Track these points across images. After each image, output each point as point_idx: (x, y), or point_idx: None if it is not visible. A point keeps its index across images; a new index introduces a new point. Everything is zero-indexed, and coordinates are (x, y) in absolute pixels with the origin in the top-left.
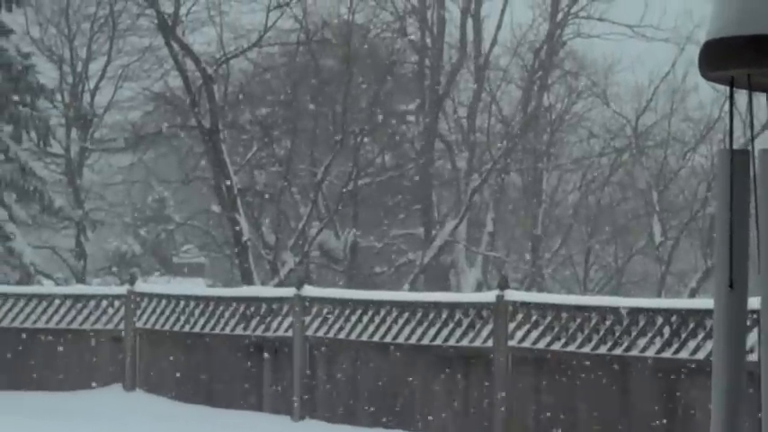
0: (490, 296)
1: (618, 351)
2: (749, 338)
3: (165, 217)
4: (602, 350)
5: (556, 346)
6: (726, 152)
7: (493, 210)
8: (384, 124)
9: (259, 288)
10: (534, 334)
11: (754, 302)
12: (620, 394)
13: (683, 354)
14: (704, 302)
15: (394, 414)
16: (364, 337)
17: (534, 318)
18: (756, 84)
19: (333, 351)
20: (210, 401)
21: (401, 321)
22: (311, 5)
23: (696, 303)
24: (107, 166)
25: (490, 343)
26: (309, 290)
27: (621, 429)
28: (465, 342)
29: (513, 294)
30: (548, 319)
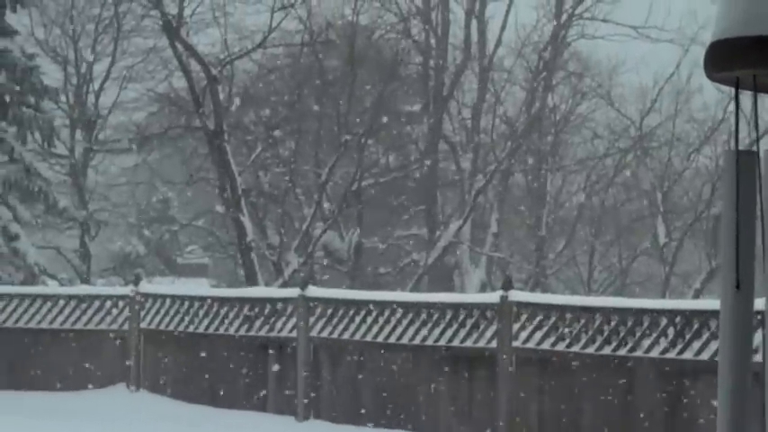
0: (494, 297)
1: (622, 352)
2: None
3: (170, 218)
4: (606, 351)
5: (560, 347)
6: (732, 153)
7: (497, 210)
8: (388, 125)
9: (263, 289)
10: (538, 335)
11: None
12: (624, 395)
13: (688, 354)
14: (708, 303)
15: (398, 415)
16: (368, 338)
17: (538, 318)
18: (762, 85)
19: (337, 352)
20: (214, 402)
21: (405, 322)
22: (315, 6)
23: (700, 304)
24: (111, 167)
25: (494, 344)
26: (313, 290)
27: (625, 430)
28: (469, 343)
29: (518, 295)
30: (552, 320)
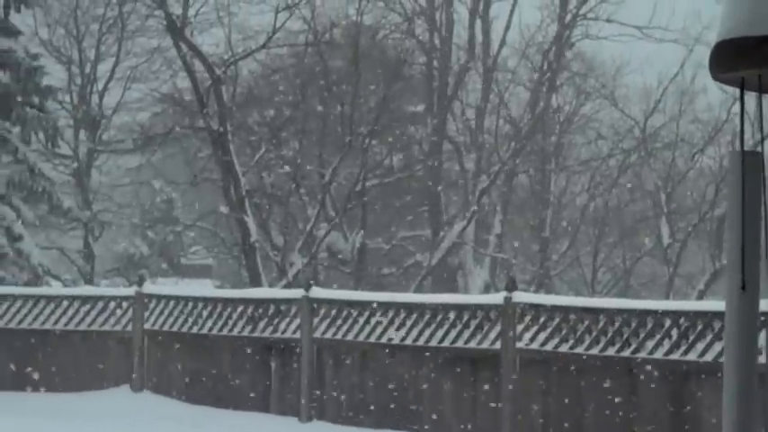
0: (498, 298)
1: (626, 353)
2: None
3: (173, 218)
4: (610, 352)
5: (564, 348)
6: (737, 154)
7: (501, 211)
8: (392, 126)
9: (267, 290)
10: (542, 336)
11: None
12: (628, 396)
13: (692, 356)
14: (712, 304)
15: (402, 416)
16: (372, 339)
17: (542, 319)
18: (767, 85)
19: (340, 353)
20: (218, 403)
21: (409, 323)
22: (319, 7)
23: (704, 305)
24: (115, 168)
25: (498, 345)
26: (317, 291)
27: (629, 431)
28: (473, 344)
29: (521, 296)
30: (556, 321)
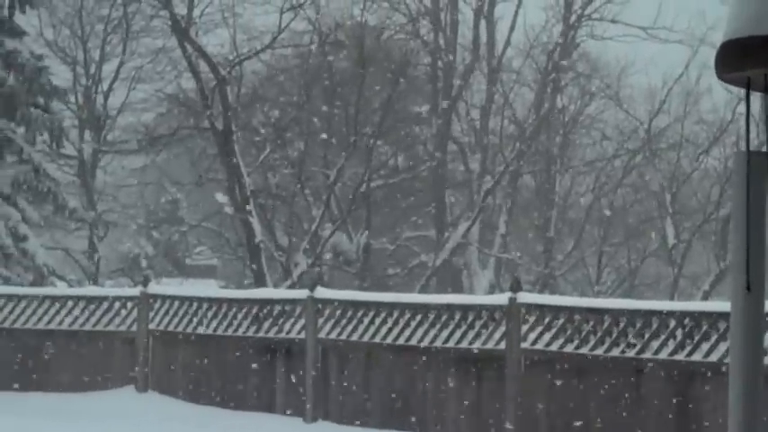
0: (503, 298)
1: (631, 353)
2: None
3: (178, 219)
4: (615, 352)
5: (569, 349)
6: (742, 154)
7: (506, 212)
8: (397, 126)
9: (272, 290)
10: (547, 336)
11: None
12: (633, 396)
13: (697, 356)
14: (717, 305)
15: (406, 416)
16: (377, 340)
17: (547, 320)
18: None
19: (345, 353)
20: (223, 403)
21: (414, 323)
22: (324, 7)
23: (709, 306)
24: (120, 168)
25: (503, 345)
26: (322, 292)
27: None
28: (477, 344)
29: (526, 296)
30: (560, 322)
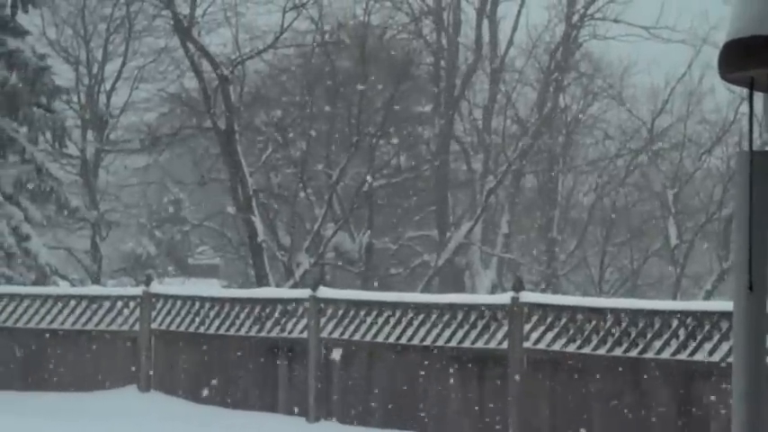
0: (505, 298)
1: (633, 353)
2: None
3: (181, 218)
4: (617, 352)
5: (571, 348)
6: (745, 154)
7: (508, 211)
8: (399, 126)
9: (274, 289)
10: (549, 336)
11: None
12: (635, 396)
13: (699, 356)
14: (720, 305)
15: (409, 416)
16: (379, 339)
17: (549, 319)
18: None
19: (348, 352)
20: (225, 402)
21: (416, 323)
22: (327, 7)
23: (711, 306)
24: (122, 168)
25: (505, 345)
26: (324, 291)
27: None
28: (480, 344)
29: (529, 296)
30: (563, 321)
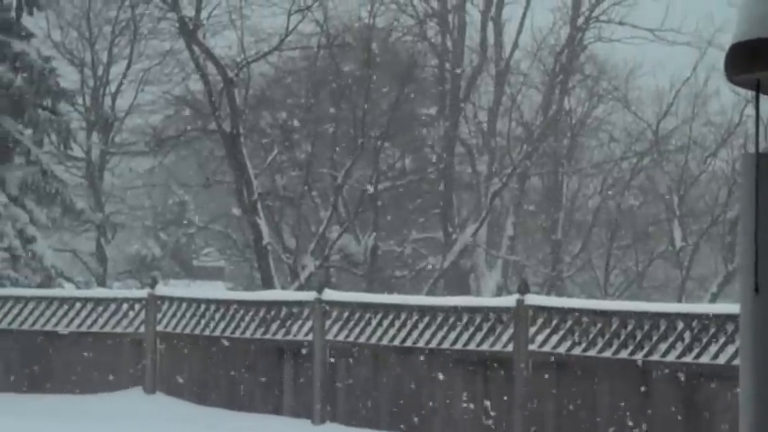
0: (510, 300)
1: (638, 356)
2: None
3: (186, 220)
4: (622, 355)
5: (576, 351)
6: (751, 156)
7: (513, 214)
8: (404, 128)
9: (279, 292)
10: (555, 338)
11: None
12: (641, 399)
13: (704, 359)
14: (725, 307)
15: (414, 418)
16: (384, 342)
17: (555, 322)
18: None
19: (353, 355)
20: (231, 405)
21: (421, 326)
22: (332, 9)
23: (717, 308)
24: (128, 170)
25: (510, 347)
26: (330, 294)
27: None
28: (485, 346)
29: (534, 299)
30: (568, 324)
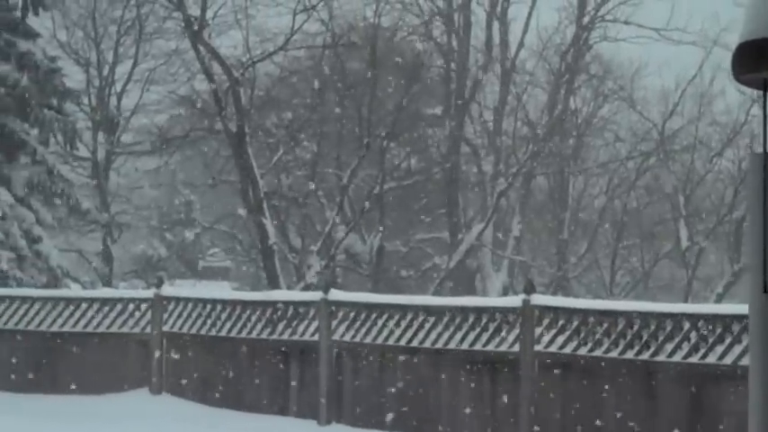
0: (516, 300)
1: (645, 356)
2: None
3: (192, 220)
4: (628, 355)
5: (582, 351)
6: (758, 156)
7: (519, 214)
8: (410, 128)
9: (285, 292)
10: (561, 339)
11: None
12: (647, 399)
13: (711, 359)
14: (731, 307)
15: (420, 418)
16: (391, 342)
17: (561, 322)
18: None
19: (359, 355)
20: (237, 405)
21: (428, 326)
22: (337, 9)
23: (723, 308)
24: (133, 170)
25: (516, 347)
26: (336, 294)
27: None
28: (491, 347)
29: (540, 299)
30: (574, 324)
